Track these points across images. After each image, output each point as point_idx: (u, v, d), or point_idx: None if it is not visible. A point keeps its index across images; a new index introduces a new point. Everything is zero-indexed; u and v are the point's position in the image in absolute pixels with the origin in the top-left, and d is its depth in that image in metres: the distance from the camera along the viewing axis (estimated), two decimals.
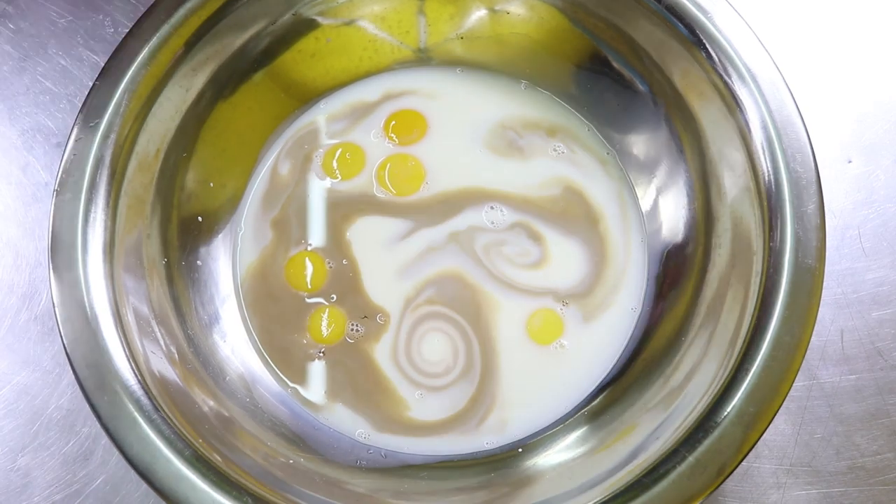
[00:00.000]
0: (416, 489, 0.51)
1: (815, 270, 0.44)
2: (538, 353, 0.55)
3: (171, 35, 0.50)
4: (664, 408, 0.47)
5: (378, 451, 0.53)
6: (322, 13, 0.56)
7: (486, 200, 0.57)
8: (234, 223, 0.57)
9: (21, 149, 0.61)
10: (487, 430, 0.53)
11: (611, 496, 0.42)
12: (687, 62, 0.51)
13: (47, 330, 0.57)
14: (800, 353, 0.43)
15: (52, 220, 0.47)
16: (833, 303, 0.57)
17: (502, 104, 0.60)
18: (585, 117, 0.59)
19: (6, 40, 0.64)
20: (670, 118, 0.54)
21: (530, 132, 0.59)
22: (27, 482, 0.54)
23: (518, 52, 0.59)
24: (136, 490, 0.54)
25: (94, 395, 0.44)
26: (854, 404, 0.55)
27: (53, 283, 0.46)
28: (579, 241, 0.57)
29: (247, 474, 0.44)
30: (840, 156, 0.61)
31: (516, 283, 0.56)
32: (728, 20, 0.49)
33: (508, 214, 0.57)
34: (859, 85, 0.63)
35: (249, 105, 0.57)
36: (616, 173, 0.58)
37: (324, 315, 0.55)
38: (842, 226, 0.59)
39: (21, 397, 0.56)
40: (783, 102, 0.47)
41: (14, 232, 0.59)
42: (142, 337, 0.47)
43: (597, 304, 0.55)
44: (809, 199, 0.46)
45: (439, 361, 0.55)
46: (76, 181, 0.47)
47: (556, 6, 0.56)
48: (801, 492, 0.53)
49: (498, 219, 0.57)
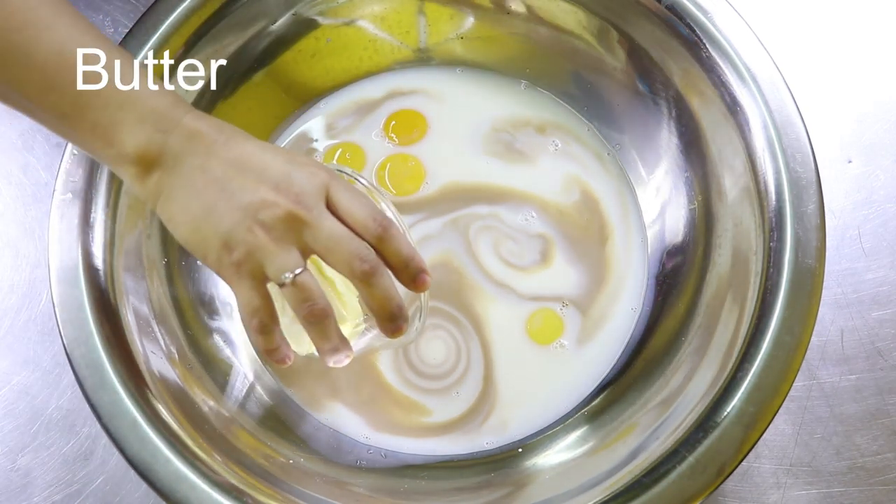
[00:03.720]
0: (415, 489, 0.51)
1: (814, 270, 0.44)
2: (538, 354, 0.55)
3: (171, 35, 0.50)
4: (664, 407, 0.47)
5: (378, 451, 0.53)
6: (322, 13, 0.56)
7: (488, 199, 0.57)
8: None
9: (21, 149, 0.61)
10: (488, 430, 0.53)
11: (611, 496, 0.42)
12: (687, 62, 0.50)
13: (47, 330, 0.57)
14: (800, 353, 0.43)
15: (51, 220, 0.47)
16: (833, 303, 0.57)
17: (502, 104, 0.60)
18: (585, 117, 0.59)
19: None
20: (670, 118, 0.54)
21: (530, 132, 0.59)
22: (27, 482, 0.54)
23: (518, 52, 0.59)
24: (136, 490, 0.54)
25: (93, 394, 0.44)
26: (854, 404, 0.55)
27: (53, 283, 0.46)
28: (579, 241, 0.57)
29: (247, 474, 0.44)
30: (840, 156, 0.61)
31: (517, 283, 0.56)
32: (728, 20, 0.49)
33: (509, 214, 0.57)
34: (859, 85, 0.63)
35: (249, 105, 0.57)
36: (616, 173, 0.58)
37: None
38: (842, 226, 0.59)
39: (21, 397, 0.56)
40: (783, 102, 0.47)
41: (14, 232, 0.59)
42: (142, 337, 0.47)
43: (596, 304, 0.55)
44: (809, 200, 0.46)
45: (441, 363, 0.55)
46: (76, 181, 0.47)
47: (556, 6, 0.56)
48: (801, 492, 0.53)
49: (505, 217, 0.57)
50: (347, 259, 0.39)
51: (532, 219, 0.57)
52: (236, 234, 0.38)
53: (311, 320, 0.40)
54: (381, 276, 0.40)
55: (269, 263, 0.39)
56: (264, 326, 0.40)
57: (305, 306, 0.39)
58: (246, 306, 0.39)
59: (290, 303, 0.39)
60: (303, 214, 0.39)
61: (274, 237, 0.38)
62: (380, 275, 0.40)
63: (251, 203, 0.38)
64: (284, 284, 0.39)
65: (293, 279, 0.38)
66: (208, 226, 0.39)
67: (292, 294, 0.39)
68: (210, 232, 0.39)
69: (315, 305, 0.39)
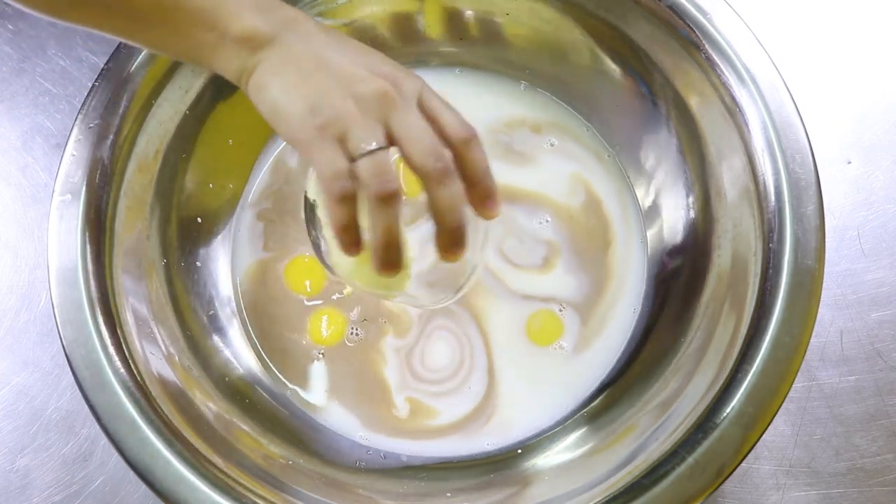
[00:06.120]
0: (415, 490, 0.51)
1: (814, 271, 0.44)
2: (538, 355, 0.55)
3: None
4: (663, 408, 0.47)
5: (377, 452, 0.53)
6: (322, 14, 0.56)
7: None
8: (234, 224, 0.57)
9: (20, 150, 0.61)
10: (489, 431, 0.53)
11: (610, 497, 0.42)
12: (687, 63, 0.51)
13: (46, 331, 0.57)
14: (799, 353, 0.43)
15: (51, 221, 0.47)
16: (832, 304, 0.57)
17: (502, 104, 0.60)
18: (585, 118, 0.59)
19: (5, 41, 0.64)
20: (670, 119, 0.54)
21: (529, 132, 0.59)
22: (26, 483, 0.54)
23: (517, 52, 0.59)
24: (136, 491, 0.54)
25: (93, 396, 0.44)
26: (853, 405, 0.55)
27: (53, 284, 0.46)
28: (584, 249, 0.57)
29: (246, 475, 0.44)
30: (839, 156, 0.61)
31: (518, 284, 0.56)
32: (727, 21, 0.49)
33: (504, 211, 0.57)
34: (859, 85, 0.63)
35: (249, 105, 0.56)
36: (616, 174, 0.58)
37: (324, 317, 0.55)
38: (841, 227, 0.59)
39: (20, 398, 0.56)
40: (782, 103, 0.47)
41: (13, 233, 0.59)
42: (141, 338, 0.47)
43: (596, 305, 0.55)
44: (809, 200, 0.46)
45: (443, 367, 0.54)
46: (75, 182, 0.47)
47: (555, 7, 0.56)
48: (800, 493, 0.53)
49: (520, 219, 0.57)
50: (425, 153, 0.38)
51: (546, 223, 0.57)
52: (327, 100, 0.38)
53: (380, 197, 0.38)
54: (452, 180, 0.39)
55: (353, 132, 0.38)
56: (346, 192, 0.38)
57: (378, 181, 0.38)
58: (327, 169, 0.38)
59: (364, 177, 0.38)
60: (395, 98, 0.38)
61: (363, 109, 0.38)
62: (452, 178, 0.39)
63: (349, 75, 0.39)
64: (363, 156, 0.38)
65: (372, 152, 0.38)
66: (300, 91, 0.39)
67: (368, 167, 0.38)
68: (300, 95, 0.39)
69: (388, 182, 0.38)
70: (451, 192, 0.39)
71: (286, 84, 0.39)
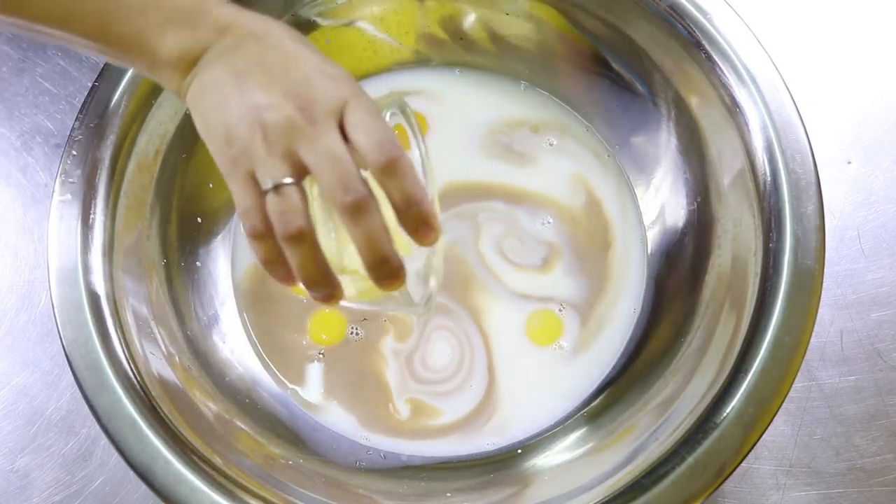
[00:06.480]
0: (415, 490, 0.51)
1: (814, 271, 0.44)
2: (538, 355, 0.55)
3: None
4: (663, 408, 0.47)
5: (377, 452, 0.53)
6: (321, 14, 0.56)
7: (490, 197, 0.57)
8: (234, 224, 0.57)
9: (20, 150, 0.61)
10: (489, 431, 0.53)
11: (610, 497, 0.42)
12: (687, 63, 0.51)
13: (46, 331, 0.57)
14: (799, 353, 0.43)
15: (51, 222, 0.47)
16: (832, 304, 0.57)
17: (502, 105, 0.60)
18: (585, 118, 0.59)
19: (5, 41, 0.64)
20: (670, 119, 0.54)
21: (529, 132, 0.59)
22: (26, 483, 0.54)
23: (517, 52, 0.59)
24: (136, 491, 0.54)
25: (93, 396, 0.44)
26: (853, 405, 0.55)
27: (53, 284, 0.46)
28: (585, 252, 0.57)
29: (246, 476, 0.44)
30: (839, 156, 0.61)
31: (518, 284, 0.56)
32: (727, 21, 0.49)
33: (504, 210, 0.57)
34: (859, 85, 0.63)
35: None
36: (616, 174, 0.58)
37: (324, 317, 0.55)
38: (841, 227, 0.59)
39: (20, 398, 0.56)
40: (782, 103, 0.47)
41: (13, 233, 0.59)
42: (141, 338, 0.47)
43: (596, 305, 0.55)
44: (809, 200, 0.46)
45: (443, 367, 0.54)
46: (75, 182, 0.47)
47: (555, 7, 0.56)
48: (800, 493, 0.53)
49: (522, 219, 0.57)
50: (333, 186, 0.35)
51: (548, 225, 0.57)
52: (238, 130, 0.36)
53: (284, 237, 0.36)
54: (365, 214, 0.35)
55: (259, 167, 0.36)
56: (256, 230, 0.37)
57: (281, 220, 0.35)
58: (239, 205, 0.37)
59: (270, 215, 0.36)
60: (303, 125, 0.35)
61: (269, 141, 0.36)
62: (365, 211, 0.35)
63: (258, 103, 0.36)
64: (267, 192, 0.36)
65: (276, 187, 0.35)
66: (219, 117, 0.37)
67: (272, 204, 0.36)
68: (219, 122, 0.37)
69: (291, 223, 0.35)
70: (366, 226, 0.35)
71: (208, 109, 0.38)
